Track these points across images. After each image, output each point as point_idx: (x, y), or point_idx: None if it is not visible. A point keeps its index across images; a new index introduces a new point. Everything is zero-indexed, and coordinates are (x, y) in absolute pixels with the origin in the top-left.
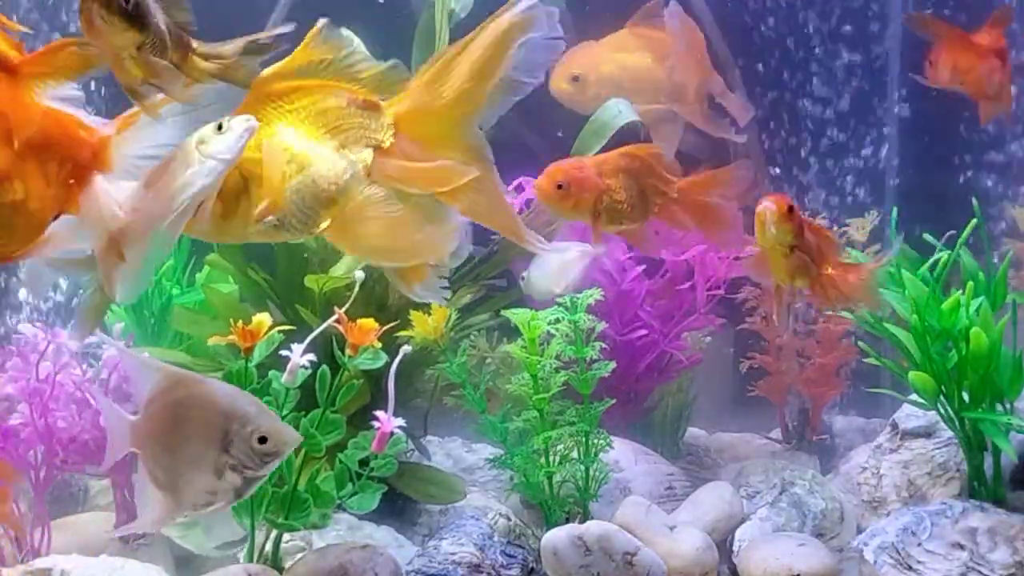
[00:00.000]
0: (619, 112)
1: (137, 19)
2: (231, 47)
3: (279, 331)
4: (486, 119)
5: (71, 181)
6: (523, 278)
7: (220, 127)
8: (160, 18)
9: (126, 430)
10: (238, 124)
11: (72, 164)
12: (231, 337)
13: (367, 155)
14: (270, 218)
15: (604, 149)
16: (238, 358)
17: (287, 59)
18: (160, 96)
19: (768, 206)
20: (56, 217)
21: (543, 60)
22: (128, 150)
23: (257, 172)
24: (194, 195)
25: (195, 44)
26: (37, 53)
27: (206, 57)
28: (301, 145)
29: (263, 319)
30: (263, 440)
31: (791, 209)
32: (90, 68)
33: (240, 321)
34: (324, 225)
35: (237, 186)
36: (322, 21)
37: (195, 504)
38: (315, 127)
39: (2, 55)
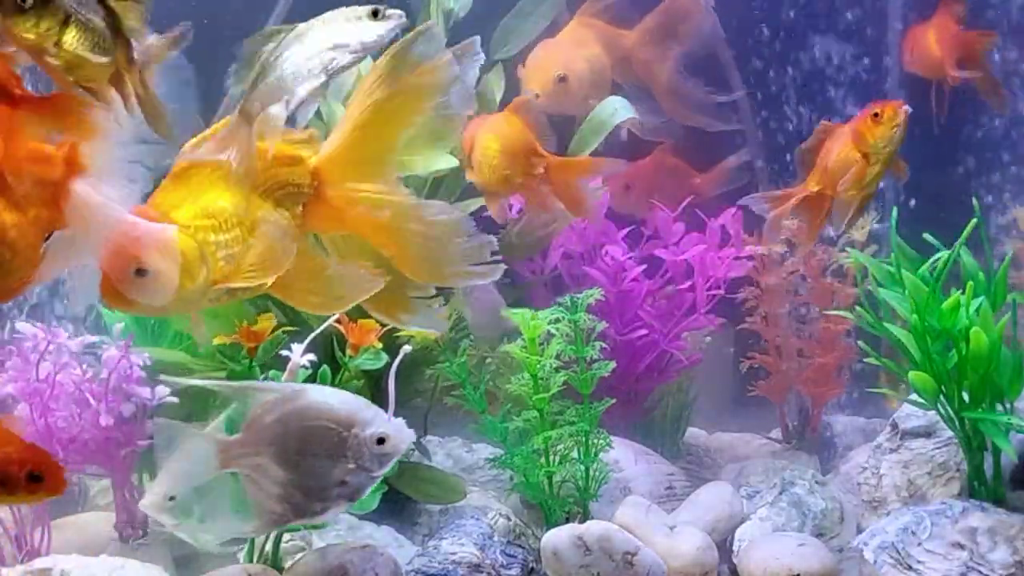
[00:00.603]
0: (615, 110)
1: (36, 10)
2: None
3: (278, 331)
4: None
5: (52, 199)
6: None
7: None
8: (90, 13)
9: (213, 451)
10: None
11: (45, 182)
12: (235, 337)
13: (298, 210)
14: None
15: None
16: (238, 358)
17: (213, 128)
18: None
19: (906, 108)
20: (48, 238)
21: (469, 95)
22: (109, 149)
23: (211, 240)
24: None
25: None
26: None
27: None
28: (242, 208)
29: (268, 320)
30: (381, 441)
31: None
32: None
33: (243, 321)
34: (270, 282)
35: (195, 255)
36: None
37: (311, 512)
38: (248, 188)
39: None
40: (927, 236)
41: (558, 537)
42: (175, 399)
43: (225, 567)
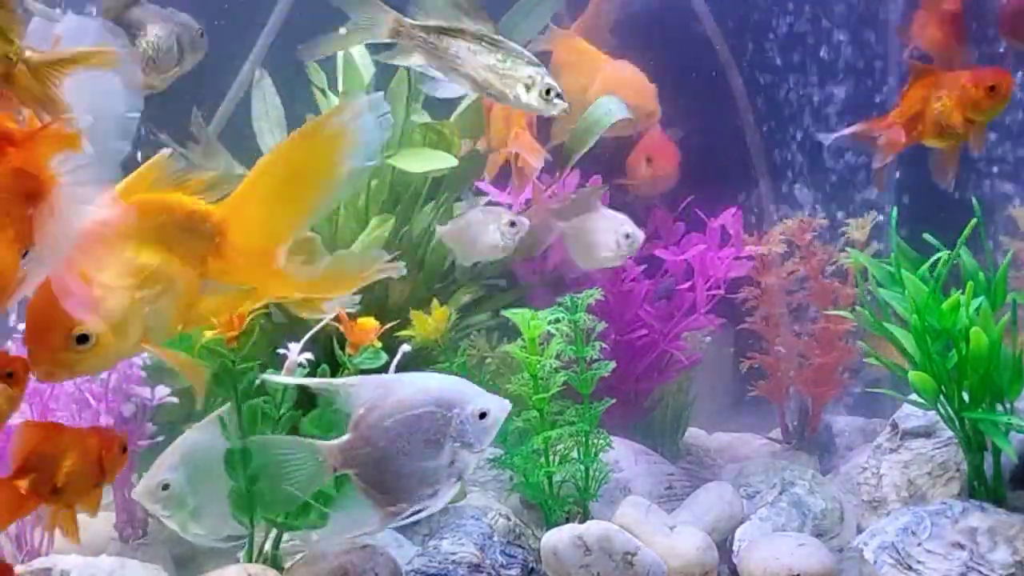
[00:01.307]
0: (609, 110)
1: None
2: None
3: (273, 329)
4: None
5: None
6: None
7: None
8: None
9: (329, 455)
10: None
11: (22, 197)
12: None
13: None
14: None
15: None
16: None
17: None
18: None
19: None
20: (26, 254)
21: (377, 144)
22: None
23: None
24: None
25: (28, 52)
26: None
27: (38, 70)
28: (156, 263)
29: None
30: (483, 415)
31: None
32: None
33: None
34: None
35: (130, 316)
36: (163, 152)
37: (424, 497)
38: (156, 242)
39: None
40: (927, 236)
41: (558, 537)
42: (175, 399)
43: (225, 567)
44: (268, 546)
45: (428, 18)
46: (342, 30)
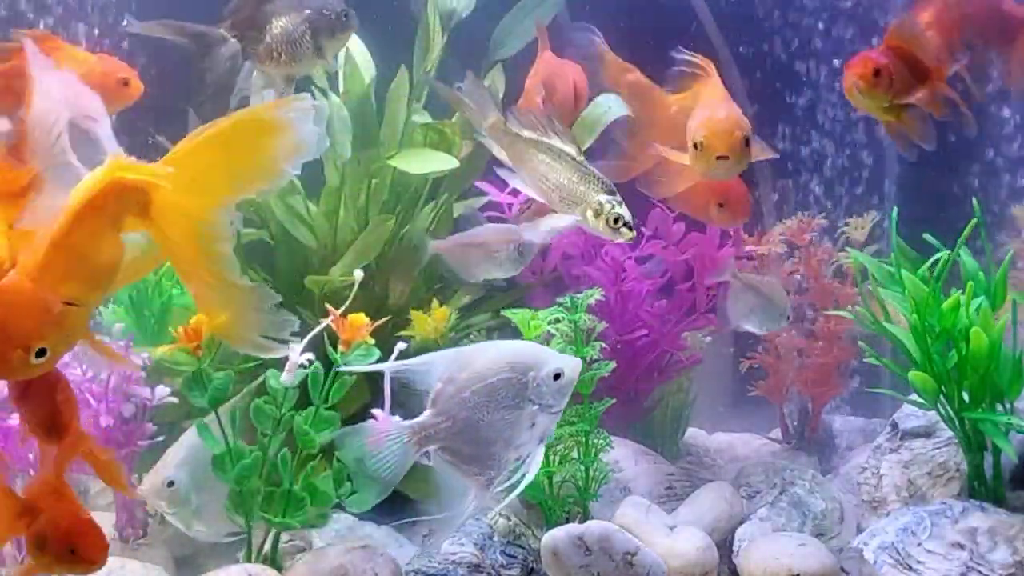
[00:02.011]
0: (609, 108)
1: None
2: None
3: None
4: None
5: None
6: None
7: (617, 220)
8: None
9: (412, 433)
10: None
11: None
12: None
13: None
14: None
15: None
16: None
17: None
18: None
19: (855, 83)
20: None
21: (310, 152)
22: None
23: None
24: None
25: None
26: None
27: None
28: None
29: (202, 317)
30: (558, 376)
31: (877, 72)
32: None
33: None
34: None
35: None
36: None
37: (508, 463)
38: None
39: None
40: (927, 236)
41: (558, 537)
42: (175, 399)
43: (225, 567)
44: (268, 546)
45: (523, 128)
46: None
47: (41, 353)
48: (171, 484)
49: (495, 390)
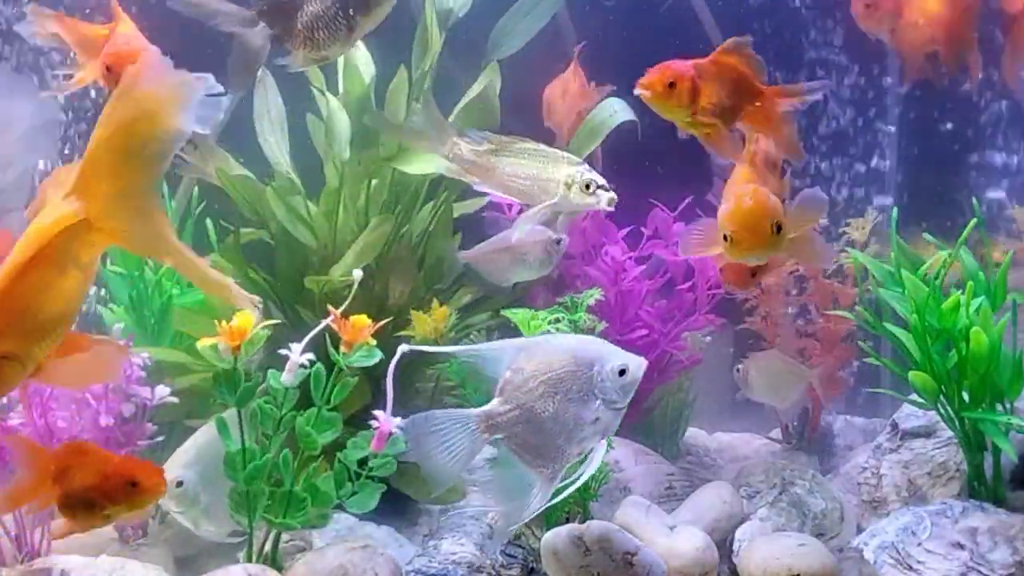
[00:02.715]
0: (615, 112)
1: None
2: None
3: (272, 328)
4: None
5: None
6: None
7: (589, 185)
8: None
9: (475, 424)
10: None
11: None
12: (218, 337)
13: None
14: None
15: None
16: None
17: None
18: None
19: (643, 92)
20: None
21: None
22: None
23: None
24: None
25: None
26: None
27: None
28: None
29: (247, 317)
30: (623, 372)
31: (672, 85)
32: None
33: (226, 321)
34: None
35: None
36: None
37: (570, 457)
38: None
39: None
40: (927, 236)
41: (558, 537)
42: (175, 399)
43: (225, 567)
44: (268, 546)
45: (478, 143)
46: (407, 125)
47: None
48: (180, 484)
49: (560, 381)
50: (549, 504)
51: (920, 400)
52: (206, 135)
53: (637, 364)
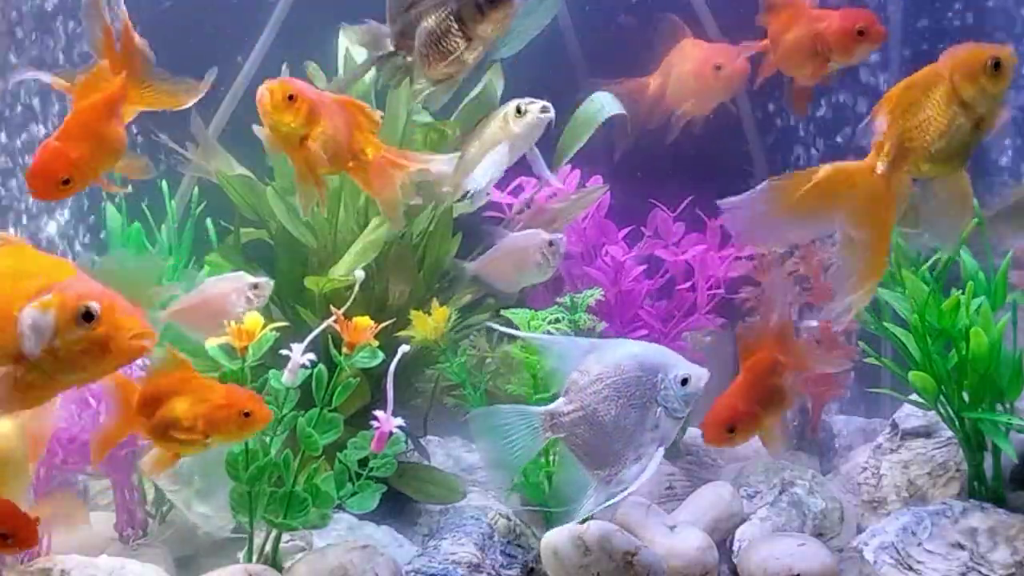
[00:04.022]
0: (603, 106)
1: None
2: None
3: (275, 329)
4: None
5: None
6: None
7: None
8: None
9: (539, 422)
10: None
11: None
12: (226, 338)
13: None
14: None
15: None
16: (236, 358)
17: None
18: None
19: (262, 93)
20: None
21: None
22: None
23: None
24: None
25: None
26: None
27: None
28: None
29: (256, 318)
30: (685, 381)
31: (292, 97)
32: None
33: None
34: None
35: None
36: None
37: (628, 461)
38: None
39: None
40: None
41: (558, 537)
42: None
43: (225, 567)
44: (268, 546)
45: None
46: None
47: None
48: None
49: (625, 386)
50: (603, 506)
51: (920, 400)
52: (207, 134)
53: (700, 374)
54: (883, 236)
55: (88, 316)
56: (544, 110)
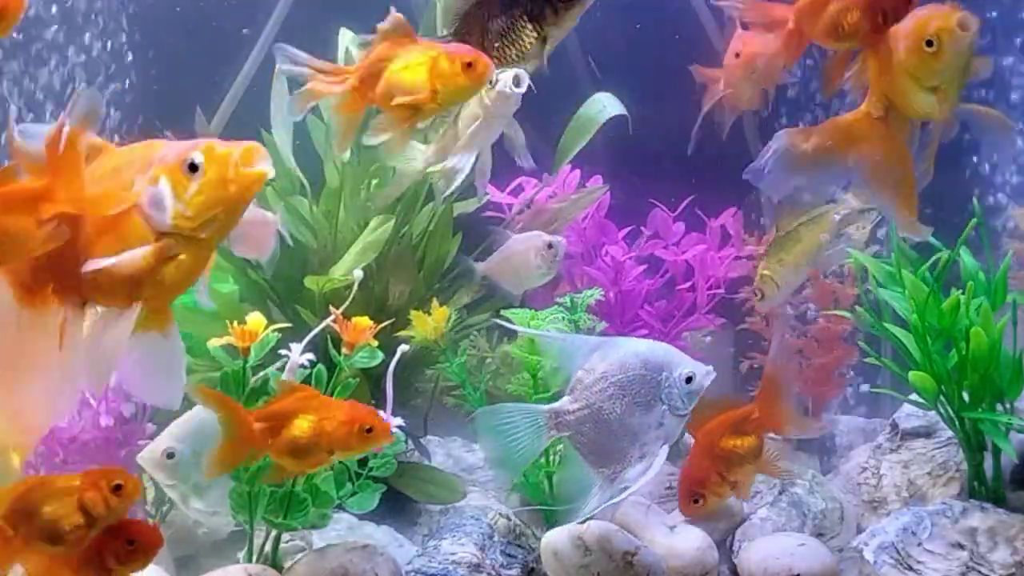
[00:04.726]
0: (604, 107)
1: None
2: None
3: (275, 330)
4: None
5: None
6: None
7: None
8: None
9: (543, 420)
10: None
11: None
12: (228, 338)
13: None
14: None
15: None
16: (236, 358)
17: None
18: None
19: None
20: None
21: None
22: None
23: None
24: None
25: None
26: None
27: None
28: None
29: (259, 319)
30: (689, 379)
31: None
32: None
33: (237, 322)
34: None
35: None
36: None
37: (632, 463)
38: None
39: None
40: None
41: (558, 537)
42: None
43: (225, 567)
44: (268, 546)
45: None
46: None
47: None
48: (171, 456)
49: (630, 384)
50: (609, 504)
51: (920, 400)
52: (210, 131)
53: (704, 372)
54: (902, 162)
55: (193, 166)
56: (516, 81)
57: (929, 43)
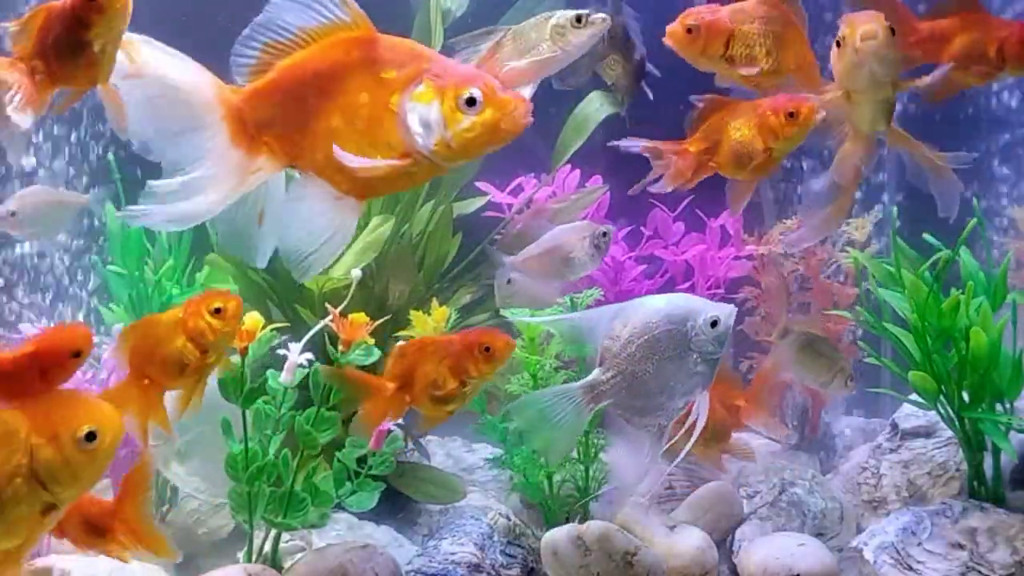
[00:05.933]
0: (600, 105)
1: None
2: None
3: (274, 329)
4: None
5: None
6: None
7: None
8: None
9: (580, 397)
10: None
11: None
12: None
13: None
14: None
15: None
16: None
17: None
18: None
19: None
20: None
21: None
22: None
23: None
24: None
25: None
26: None
27: None
28: None
29: (256, 318)
30: (715, 323)
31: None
32: None
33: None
34: None
35: None
36: None
37: (676, 411)
38: None
39: None
40: (927, 236)
41: (558, 537)
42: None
43: (225, 567)
44: (268, 546)
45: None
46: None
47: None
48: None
49: (657, 342)
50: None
51: (920, 400)
52: None
53: (728, 312)
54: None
55: (472, 101)
56: (603, 21)
57: (838, 44)
